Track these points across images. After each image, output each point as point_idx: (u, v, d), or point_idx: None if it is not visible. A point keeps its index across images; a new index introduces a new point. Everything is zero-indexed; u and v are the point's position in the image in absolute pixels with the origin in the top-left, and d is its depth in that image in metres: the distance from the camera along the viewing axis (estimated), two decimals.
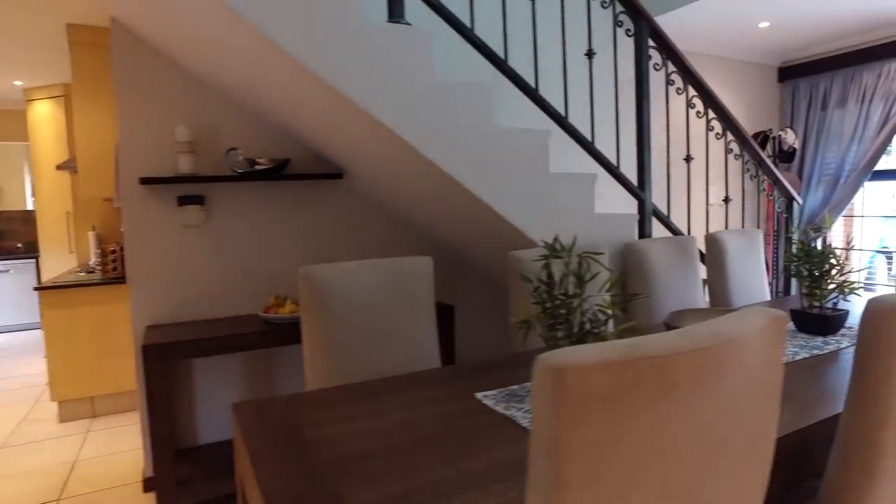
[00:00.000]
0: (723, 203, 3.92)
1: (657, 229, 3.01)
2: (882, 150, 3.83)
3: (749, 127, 4.29)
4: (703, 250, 2.58)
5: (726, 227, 2.80)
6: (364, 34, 1.68)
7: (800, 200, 3.01)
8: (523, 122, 3.08)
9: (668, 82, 2.49)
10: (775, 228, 4.33)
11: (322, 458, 1.07)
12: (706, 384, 0.68)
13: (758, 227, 2.89)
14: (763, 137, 4.14)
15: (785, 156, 4.15)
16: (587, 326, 1.25)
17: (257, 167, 2.51)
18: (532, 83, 2.91)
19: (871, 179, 4.03)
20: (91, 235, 4.33)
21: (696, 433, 0.69)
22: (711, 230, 3.48)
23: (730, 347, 0.70)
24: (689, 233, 2.64)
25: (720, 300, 2.50)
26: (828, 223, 1.98)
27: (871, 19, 3.62)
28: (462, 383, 1.47)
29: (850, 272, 1.90)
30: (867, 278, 4.69)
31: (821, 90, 4.17)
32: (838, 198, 4.04)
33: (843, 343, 1.74)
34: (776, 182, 2.94)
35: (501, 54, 2.69)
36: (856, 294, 2.00)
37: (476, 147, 1.91)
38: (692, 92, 2.57)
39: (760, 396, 0.78)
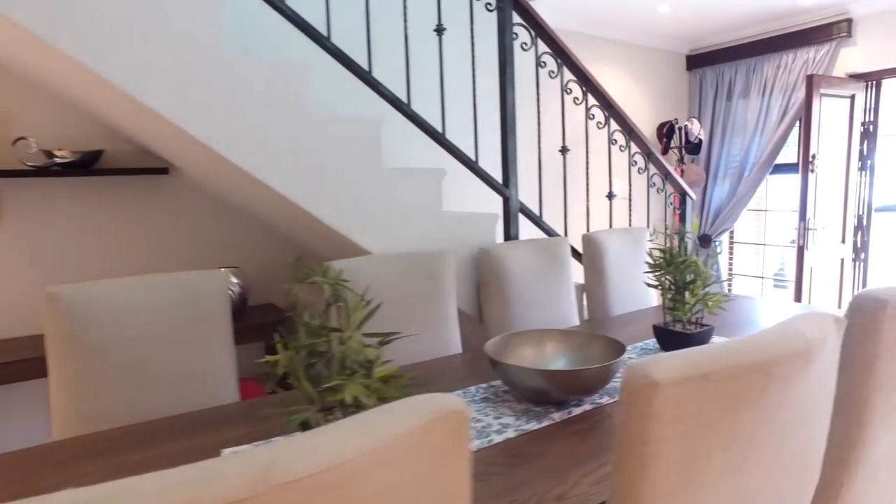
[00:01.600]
0: (622, 199, 3.75)
1: (529, 230, 2.76)
2: (782, 142, 3.74)
3: (658, 117, 4.14)
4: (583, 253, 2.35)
5: (610, 227, 2.58)
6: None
7: (693, 195, 2.84)
8: (364, 113, 2.74)
9: (539, 64, 2.22)
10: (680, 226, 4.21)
11: None
12: None
13: (648, 226, 2.70)
14: (669, 127, 3.99)
15: (691, 147, 4.02)
16: (331, 379, 0.96)
17: (57, 160, 2.09)
18: (365, 63, 2.56)
19: (773, 173, 3.96)
20: None
21: None
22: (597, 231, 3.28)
23: (310, 490, 0.41)
24: (565, 234, 2.40)
25: (599, 309, 2.28)
26: (694, 229, 1.76)
27: (768, 10, 3.50)
28: (220, 433, 1.15)
29: (714, 282, 1.69)
30: (777, 275, 4.66)
31: (726, 80, 4.05)
32: (743, 191, 3.94)
33: None
34: (667, 176, 2.75)
35: (324, 29, 2.35)
36: (721, 308, 1.80)
37: (285, 140, 1.58)
38: (569, 76, 2.31)
39: None
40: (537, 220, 2.28)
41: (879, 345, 0.89)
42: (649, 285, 1.72)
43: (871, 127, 3.56)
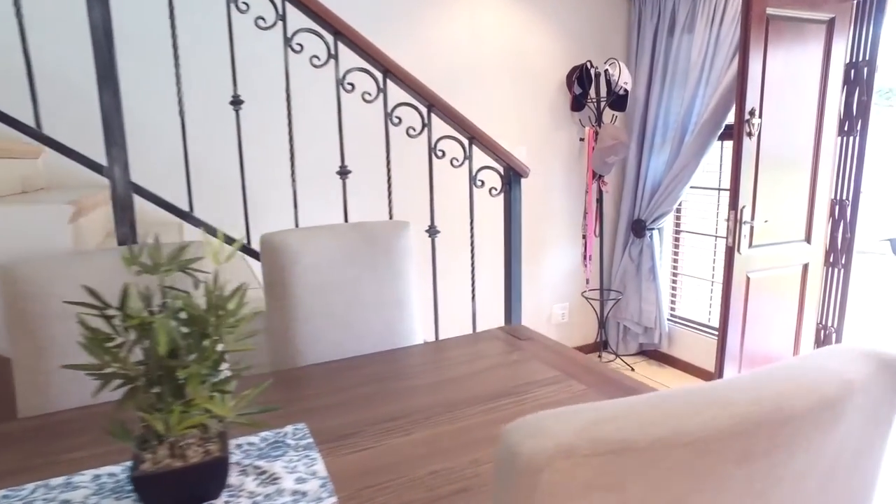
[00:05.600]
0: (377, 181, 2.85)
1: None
2: (733, 94, 2.63)
3: (577, 59, 3.09)
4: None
5: (346, 220, 1.74)
6: None
7: (524, 170, 1.91)
8: None
9: None
10: (598, 214, 3.20)
11: None
12: None
13: (431, 220, 1.82)
14: (582, 73, 2.95)
15: (614, 100, 2.97)
16: None
17: None
18: None
19: (724, 138, 2.85)
20: None
21: None
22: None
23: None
24: (248, 235, 1.58)
25: (283, 355, 1.48)
26: (219, 257, 0.91)
27: None
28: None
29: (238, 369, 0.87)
30: None
31: (669, 8, 2.93)
32: (684, 161, 2.88)
33: None
34: (472, 140, 1.83)
35: None
36: (251, 421, 0.95)
37: None
38: None
39: None
40: (185, 215, 1.48)
41: None
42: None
43: (866, 70, 2.40)
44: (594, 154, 2.92)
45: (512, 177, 1.91)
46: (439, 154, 1.80)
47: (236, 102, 1.49)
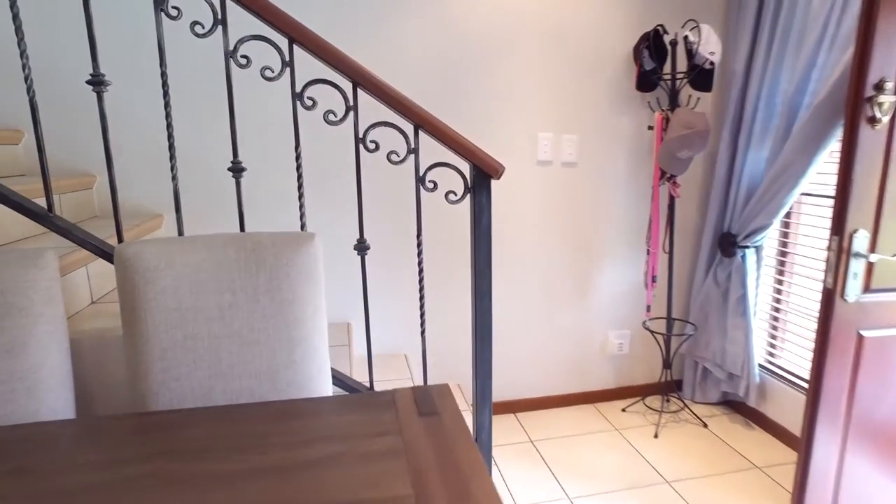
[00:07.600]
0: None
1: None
2: None
3: (648, 23, 2.40)
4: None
5: (242, 229, 1.41)
6: None
7: (498, 169, 1.42)
8: None
9: None
10: (669, 224, 2.50)
11: None
12: None
13: (361, 231, 1.42)
14: (652, 41, 2.26)
15: (697, 74, 2.24)
16: None
17: None
18: None
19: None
20: None
21: None
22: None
23: None
24: (120, 241, 1.32)
25: (134, 394, 1.22)
26: None
27: None
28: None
29: None
30: None
31: None
32: (789, 158, 2.08)
33: None
34: (419, 129, 1.39)
35: None
36: None
37: None
38: None
39: None
40: (41, 218, 1.26)
41: None
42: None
43: None
44: (661, 147, 2.25)
45: (477, 178, 1.43)
46: (370, 146, 1.38)
47: (97, 83, 1.23)
